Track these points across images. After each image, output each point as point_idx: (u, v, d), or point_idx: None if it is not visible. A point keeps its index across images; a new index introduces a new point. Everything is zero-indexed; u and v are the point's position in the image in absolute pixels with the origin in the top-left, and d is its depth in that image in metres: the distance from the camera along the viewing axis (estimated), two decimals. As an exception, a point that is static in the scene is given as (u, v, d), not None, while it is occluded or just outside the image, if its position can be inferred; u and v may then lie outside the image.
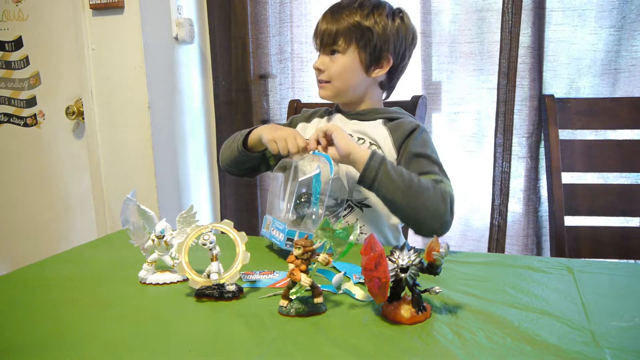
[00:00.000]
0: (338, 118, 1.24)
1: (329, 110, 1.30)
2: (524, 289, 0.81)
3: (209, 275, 0.82)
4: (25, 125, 2.03)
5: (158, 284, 0.87)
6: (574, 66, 1.59)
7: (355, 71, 1.17)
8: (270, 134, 1.10)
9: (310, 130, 1.25)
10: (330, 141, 1.04)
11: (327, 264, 0.74)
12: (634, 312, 0.72)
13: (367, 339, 0.66)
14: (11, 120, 2.04)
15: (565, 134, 1.56)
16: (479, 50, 1.66)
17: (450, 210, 1.03)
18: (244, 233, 0.84)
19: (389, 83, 1.24)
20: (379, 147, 1.15)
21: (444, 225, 1.03)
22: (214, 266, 0.81)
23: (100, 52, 1.78)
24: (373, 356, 0.62)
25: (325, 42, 1.16)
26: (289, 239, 0.94)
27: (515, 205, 1.68)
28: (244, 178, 1.37)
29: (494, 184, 1.64)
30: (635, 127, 1.53)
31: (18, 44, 1.97)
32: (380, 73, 1.18)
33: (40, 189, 2.05)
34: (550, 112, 1.55)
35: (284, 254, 0.98)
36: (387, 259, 0.70)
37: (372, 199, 1.13)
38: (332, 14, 1.17)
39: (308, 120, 1.30)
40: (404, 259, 0.71)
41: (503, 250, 1.65)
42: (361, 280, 0.83)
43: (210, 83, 2.00)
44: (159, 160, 1.81)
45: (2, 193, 2.10)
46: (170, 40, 1.85)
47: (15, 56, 1.99)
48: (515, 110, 1.60)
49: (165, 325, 0.72)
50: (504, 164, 1.62)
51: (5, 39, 1.99)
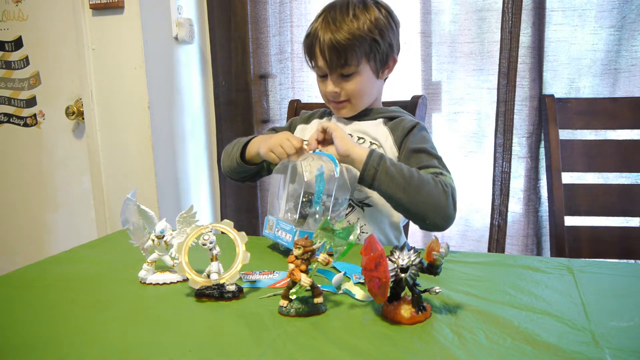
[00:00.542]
0: (338, 118, 1.24)
1: (327, 111, 1.30)
2: (524, 289, 0.81)
3: (209, 275, 0.82)
4: (25, 125, 2.03)
5: (158, 284, 0.88)
6: (574, 66, 1.59)
7: (370, 81, 1.17)
8: (265, 147, 1.10)
9: (310, 131, 1.24)
10: (329, 139, 1.04)
11: (327, 264, 0.75)
12: (634, 312, 0.72)
13: (367, 339, 0.66)
14: (11, 120, 2.04)
15: (565, 134, 1.56)
16: (479, 50, 1.66)
17: (453, 202, 1.02)
18: (244, 233, 0.84)
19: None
20: (380, 146, 1.15)
21: (447, 219, 1.02)
22: (214, 266, 0.82)
23: (100, 52, 1.78)
24: (373, 356, 0.62)
25: (335, 65, 1.12)
26: None
27: (516, 206, 1.68)
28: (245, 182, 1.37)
29: (494, 184, 1.64)
30: (635, 127, 1.53)
31: (18, 44, 1.97)
32: (389, 73, 1.21)
33: (40, 189, 2.05)
34: (550, 112, 1.55)
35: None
36: (387, 259, 0.70)
37: (373, 198, 1.13)
38: (333, 33, 1.10)
39: (307, 121, 1.30)
40: (404, 259, 0.71)
41: (503, 250, 1.65)
42: (361, 280, 0.83)
43: (210, 83, 2.00)
44: (159, 160, 1.81)
45: (2, 193, 2.10)
46: (170, 40, 1.85)
47: (15, 56, 1.99)
48: (515, 110, 1.60)
49: (165, 325, 0.72)
50: (504, 164, 1.62)
51: (5, 39, 1.99)
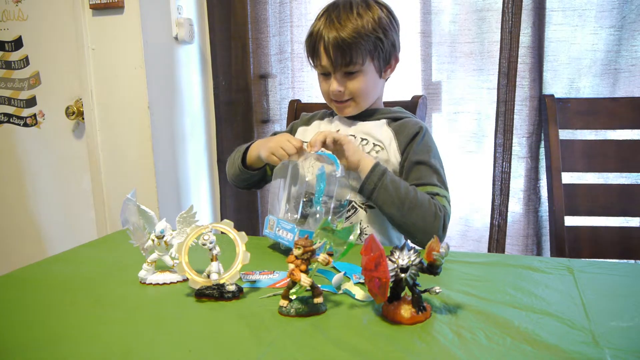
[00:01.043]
0: (340, 119, 1.23)
1: (328, 112, 1.29)
2: (524, 289, 0.81)
3: (209, 275, 0.82)
4: (25, 125, 2.03)
5: (158, 284, 0.88)
6: (574, 66, 1.59)
7: (374, 80, 1.17)
8: (265, 149, 1.11)
9: (311, 132, 1.23)
10: (339, 149, 1.05)
11: (327, 264, 0.75)
12: (634, 312, 0.72)
13: (367, 339, 0.66)
14: (11, 120, 2.04)
15: (565, 134, 1.56)
16: (479, 50, 1.66)
17: (443, 226, 1.06)
18: (244, 233, 0.84)
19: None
20: (383, 148, 1.15)
21: None
22: (214, 266, 0.82)
23: (100, 52, 1.78)
24: (373, 356, 0.62)
25: (340, 63, 1.12)
26: None
27: (516, 206, 1.68)
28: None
29: (494, 184, 1.64)
30: (635, 127, 1.53)
31: (18, 44, 1.97)
32: (391, 72, 1.21)
33: (40, 189, 2.05)
34: (550, 112, 1.55)
35: None
36: (387, 259, 0.70)
37: None
38: (338, 31, 1.09)
39: (307, 123, 1.30)
40: (404, 259, 0.71)
41: (503, 250, 1.65)
42: (361, 280, 0.83)
43: (210, 83, 2.00)
44: (159, 160, 1.80)
45: (2, 193, 2.10)
46: (170, 40, 1.85)
47: (15, 56, 1.99)
48: (515, 110, 1.60)
49: (165, 325, 0.72)
50: (504, 164, 1.62)
51: (5, 39, 1.99)
